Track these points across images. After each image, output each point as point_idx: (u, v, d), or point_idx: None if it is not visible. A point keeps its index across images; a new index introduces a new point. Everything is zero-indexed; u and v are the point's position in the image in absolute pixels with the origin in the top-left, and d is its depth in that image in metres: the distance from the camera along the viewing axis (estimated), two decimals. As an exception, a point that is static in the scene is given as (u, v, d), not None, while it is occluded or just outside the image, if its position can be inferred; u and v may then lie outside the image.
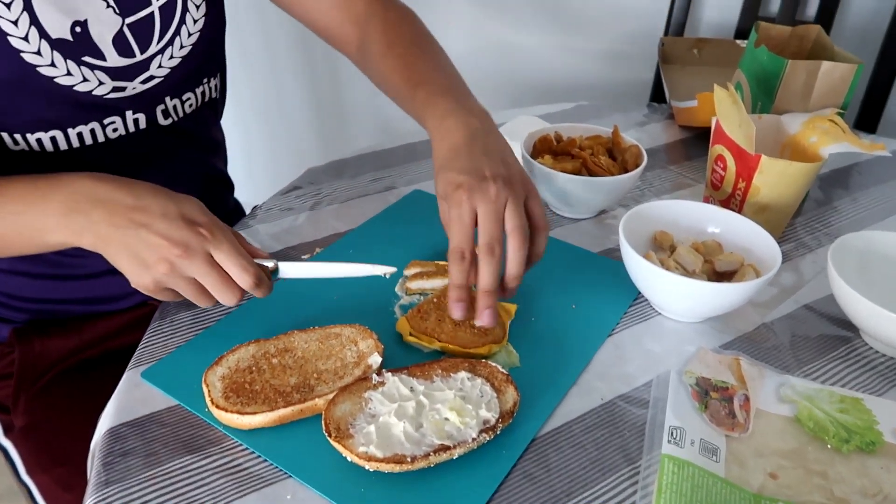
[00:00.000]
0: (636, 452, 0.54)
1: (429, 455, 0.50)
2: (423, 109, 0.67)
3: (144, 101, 0.71)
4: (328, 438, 0.51)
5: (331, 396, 0.54)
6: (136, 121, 0.71)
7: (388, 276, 0.61)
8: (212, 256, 0.55)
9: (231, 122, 1.40)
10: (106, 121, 0.69)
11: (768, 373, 0.60)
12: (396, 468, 0.49)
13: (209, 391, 0.54)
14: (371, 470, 0.50)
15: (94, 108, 0.68)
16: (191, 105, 0.77)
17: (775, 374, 0.60)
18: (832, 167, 0.98)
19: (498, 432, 0.53)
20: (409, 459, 0.49)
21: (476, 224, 0.58)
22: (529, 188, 0.62)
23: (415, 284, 0.68)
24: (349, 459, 0.50)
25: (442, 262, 0.70)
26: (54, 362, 0.79)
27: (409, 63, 0.72)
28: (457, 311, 0.58)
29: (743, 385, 0.58)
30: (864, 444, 0.53)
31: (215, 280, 0.56)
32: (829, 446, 0.54)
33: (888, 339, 0.62)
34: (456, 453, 0.51)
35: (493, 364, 0.58)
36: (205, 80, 0.78)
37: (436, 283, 0.68)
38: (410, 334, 0.61)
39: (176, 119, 0.76)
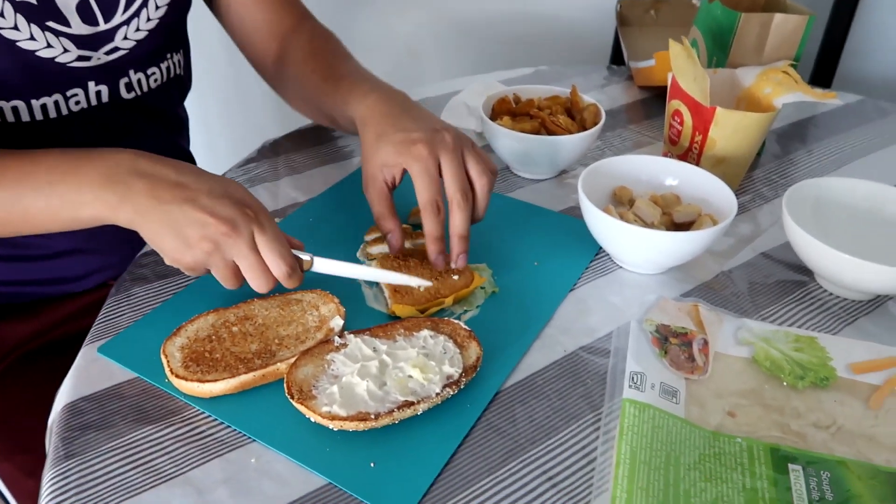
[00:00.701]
0: (599, 400, 0.54)
1: (393, 411, 0.50)
2: (346, 95, 0.70)
3: (108, 73, 0.70)
4: (291, 401, 0.50)
5: (293, 360, 0.53)
6: (98, 93, 0.70)
7: (422, 290, 0.61)
8: (254, 239, 0.54)
9: (189, 99, 1.37)
10: (69, 93, 0.68)
11: (726, 317, 0.61)
12: (361, 426, 0.49)
13: (168, 362, 0.53)
14: (335, 429, 0.50)
15: (56, 76, 0.66)
16: (156, 80, 0.76)
17: (733, 319, 0.61)
18: (788, 121, 1.00)
19: (462, 386, 0.53)
20: (372, 417, 0.49)
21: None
22: (468, 139, 0.65)
23: (375, 249, 0.68)
24: (313, 420, 0.50)
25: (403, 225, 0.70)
26: (13, 347, 0.77)
27: (332, 64, 0.77)
28: (441, 262, 0.62)
29: (702, 330, 0.59)
30: (818, 379, 0.55)
31: (253, 264, 0.54)
32: (784, 384, 0.55)
33: (842, 281, 0.64)
34: (420, 409, 0.51)
35: (456, 321, 0.58)
36: (168, 56, 0.77)
37: None
38: (420, 311, 0.61)
39: (140, 93, 0.74)
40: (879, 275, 0.60)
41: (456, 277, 0.63)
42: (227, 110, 1.72)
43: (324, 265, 0.59)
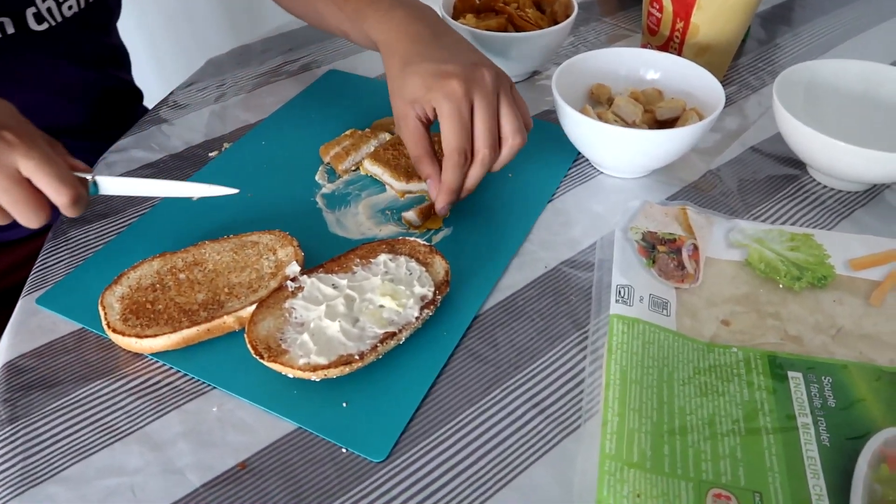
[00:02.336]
0: (584, 317, 0.51)
1: (376, 347, 0.45)
2: (361, 11, 0.60)
3: (9, 2, 0.61)
4: (261, 361, 0.45)
5: (242, 312, 0.48)
6: (1, 25, 0.61)
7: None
8: (18, 170, 0.45)
9: (133, 27, 1.26)
10: None
11: (716, 219, 0.57)
12: (346, 370, 0.45)
13: (106, 314, 0.48)
14: (318, 380, 0.45)
15: None
16: (70, 7, 0.67)
17: (724, 220, 0.57)
18: (772, 2, 0.93)
19: (438, 305, 0.49)
20: (356, 357, 0.45)
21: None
22: (507, 79, 0.55)
23: (344, 165, 0.63)
24: (291, 376, 0.45)
25: (351, 130, 0.66)
26: None
27: None
28: (445, 212, 0.56)
29: (691, 235, 0.55)
30: (815, 279, 0.51)
31: (18, 197, 0.45)
32: (781, 286, 0.51)
33: (837, 172, 0.59)
34: (403, 337, 0.47)
35: (412, 238, 0.54)
36: None
37: (364, 150, 0.64)
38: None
39: (53, 24, 0.65)
40: (876, 162, 0.56)
41: None
42: (176, 35, 1.60)
43: (111, 185, 0.51)
